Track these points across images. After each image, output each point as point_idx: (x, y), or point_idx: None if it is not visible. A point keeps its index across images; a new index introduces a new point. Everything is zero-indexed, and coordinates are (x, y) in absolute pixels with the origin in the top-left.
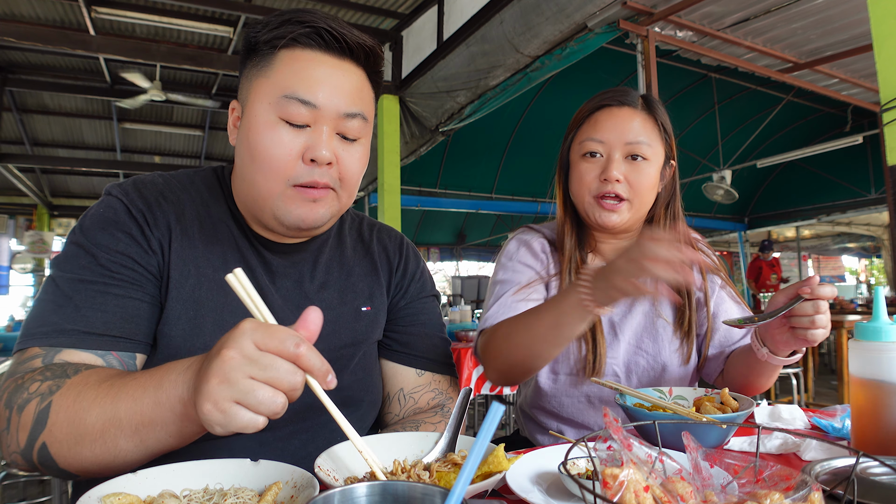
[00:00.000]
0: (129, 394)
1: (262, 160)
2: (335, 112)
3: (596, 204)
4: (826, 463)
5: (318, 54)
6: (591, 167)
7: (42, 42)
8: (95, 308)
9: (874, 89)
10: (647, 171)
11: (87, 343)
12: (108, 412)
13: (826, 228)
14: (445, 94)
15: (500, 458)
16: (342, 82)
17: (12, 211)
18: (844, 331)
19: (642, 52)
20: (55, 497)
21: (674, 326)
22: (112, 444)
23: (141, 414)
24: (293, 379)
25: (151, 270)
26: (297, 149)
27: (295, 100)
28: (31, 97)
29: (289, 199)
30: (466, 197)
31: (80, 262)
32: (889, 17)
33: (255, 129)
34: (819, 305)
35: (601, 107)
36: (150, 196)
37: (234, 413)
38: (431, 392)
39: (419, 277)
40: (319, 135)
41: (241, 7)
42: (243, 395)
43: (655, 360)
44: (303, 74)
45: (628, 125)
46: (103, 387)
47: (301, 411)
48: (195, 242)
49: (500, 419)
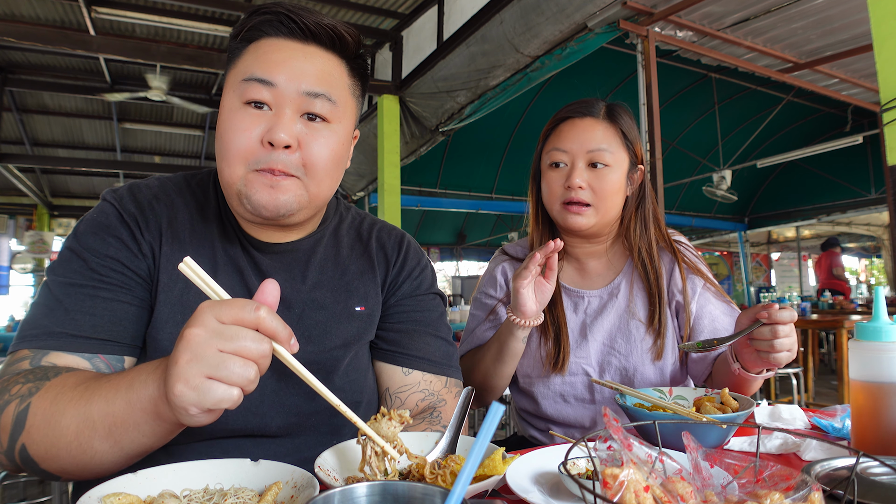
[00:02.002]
0: (102, 395)
1: (225, 145)
2: (295, 91)
3: (563, 209)
4: (826, 463)
5: (281, 41)
6: (557, 176)
7: (42, 42)
8: (84, 311)
9: (874, 89)
10: (610, 178)
11: (74, 346)
12: (81, 414)
13: (826, 228)
14: (445, 94)
15: (496, 461)
16: (304, 64)
17: (12, 211)
18: (844, 331)
19: (642, 52)
20: (55, 497)
21: (645, 325)
22: (87, 446)
23: (113, 415)
24: (260, 347)
25: (141, 274)
26: (258, 133)
27: (253, 80)
28: (31, 97)
29: (250, 184)
30: (466, 197)
31: (71, 266)
32: (889, 17)
33: (221, 117)
34: (776, 330)
35: (565, 118)
36: (143, 200)
37: (208, 388)
38: (420, 393)
39: (417, 274)
40: (279, 117)
41: (241, 7)
42: (214, 368)
43: (627, 359)
44: (264, 59)
45: (589, 135)
46: (79, 389)
47: (300, 421)
48: (185, 246)
49: (500, 419)
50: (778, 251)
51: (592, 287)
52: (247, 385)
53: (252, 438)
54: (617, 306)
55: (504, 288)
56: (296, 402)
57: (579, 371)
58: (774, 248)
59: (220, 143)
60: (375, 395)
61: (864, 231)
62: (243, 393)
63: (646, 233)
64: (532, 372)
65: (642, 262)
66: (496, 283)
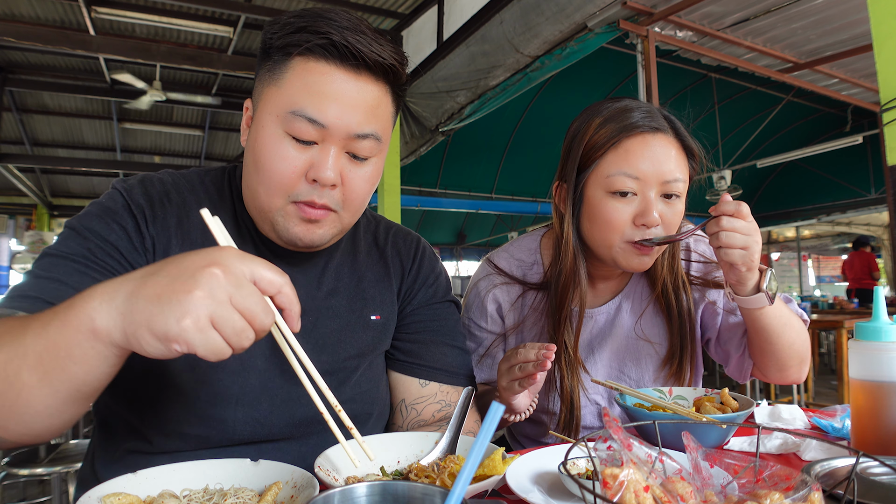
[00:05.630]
0: (40, 320)
1: (265, 173)
2: (345, 132)
3: (631, 249)
4: (826, 463)
5: (331, 67)
6: (623, 208)
7: (42, 42)
8: (69, 284)
9: (874, 89)
10: (680, 209)
11: (40, 309)
12: (15, 344)
13: (826, 228)
14: (445, 94)
15: (496, 461)
16: (355, 99)
17: (12, 211)
18: (844, 331)
19: (642, 52)
20: (55, 497)
21: (664, 359)
22: (14, 378)
23: (45, 338)
24: (265, 318)
25: (136, 267)
26: (301, 166)
27: (303, 118)
28: (31, 97)
29: (288, 217)
30: (466, 197)
31: (68, 242)
32: (889, 17)
33: (261, 139)
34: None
35: (632, 131)
36: (153, 194)
37: (210, 335)
38: (437, 404)
39: (432, 282)
40: (326, 155)
41: (241, 7)
42: (221, 318)
43: (638, 385)
44: (313, 89)
45: (665, 159)
46: (22, 320)
47: (302, 424)
48: (195, 247)
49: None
50: (778, 251)
51: (598, 304)
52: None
53: (255, 445)
54: (624, 326)
55: (498, 321)
56: (304, 412)
57: (587, 403)
58: (774, 248)
59: (259, 169)
60: (388, 406)
61: (864, 231)
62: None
63: (673, 265)
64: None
65: (666, 300)
66: (486, 314)
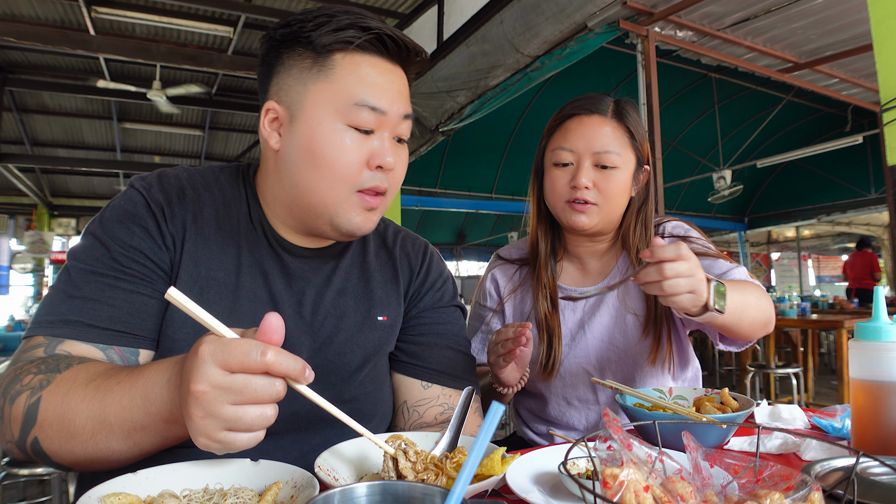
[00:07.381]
0: (117, 401)
1: (329, 167)
2: (397, 116)
3: (567, 207)
4: (826, 463)
5: (377, 59)
6: (561, 174)
7: (42, 42)
8: (103, 301)
9: (874, 89)
10: (617, 178)
11: (89, 336)
12: (97, 416)
13: (826, 228)
14: (445, 94)
15: (496, 461)
16: (398, 85)
17: (12, 211)
18: (844, 331)
19: (642, 52)
20: (55, 497)
21: (643, 322)
22: (104, 446)
23: (132, 420)
24: (273, 390)
25: (163, 266)
26: (365, 155)
27: (366, 107)
28: (31, 97)
29: (351, 207)
30: (466, 197)
31: (94, 253)
32: (889, 17)
33: (319, 136)
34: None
35: (571, 115)
36: (170, 190)
37: (231, 439)
38: (439, 406)
39: (440, 286)
40: (383, 140)
41: (241, 7)
42: (232, 422)
43: (626, 353)
44: (368, 80)
45: (597, 134)
46: (90, 388)
47: (301, 420)
48: (210, 244)
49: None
50: (778, 251)
51: (588, 285)
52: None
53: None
54: (612, 301)
55: (494, 297)
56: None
57: (579, 371)
58: (774, 248)
59: (320, 164)
60: (390, 408)
61: (864, 231)
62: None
63: (645, 235)
64: (535, 375)
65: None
66: (486, 292)
